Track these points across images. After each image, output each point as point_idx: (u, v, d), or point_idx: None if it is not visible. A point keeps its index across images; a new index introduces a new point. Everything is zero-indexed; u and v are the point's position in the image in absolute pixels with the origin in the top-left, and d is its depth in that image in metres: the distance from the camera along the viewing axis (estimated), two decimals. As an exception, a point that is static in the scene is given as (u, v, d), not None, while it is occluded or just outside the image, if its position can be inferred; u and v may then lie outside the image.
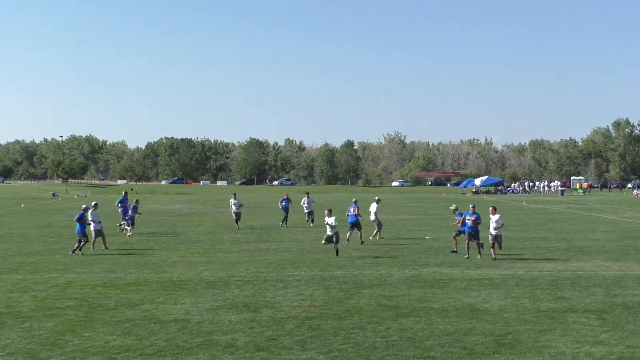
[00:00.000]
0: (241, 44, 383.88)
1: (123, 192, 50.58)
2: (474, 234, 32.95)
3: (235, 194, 52.72)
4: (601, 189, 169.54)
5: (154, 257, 34.35)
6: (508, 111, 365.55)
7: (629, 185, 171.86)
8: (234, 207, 50.24)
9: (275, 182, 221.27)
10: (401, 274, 28.14)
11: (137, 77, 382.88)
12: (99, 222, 37.15)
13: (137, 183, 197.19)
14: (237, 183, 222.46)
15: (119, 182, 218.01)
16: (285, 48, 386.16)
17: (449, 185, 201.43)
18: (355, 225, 39.90)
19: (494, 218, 32.61)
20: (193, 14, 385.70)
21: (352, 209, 40.28)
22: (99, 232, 36.89)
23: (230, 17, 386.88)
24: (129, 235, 44.69)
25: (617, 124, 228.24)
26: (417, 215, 67.76)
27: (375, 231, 42.69)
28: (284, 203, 53.83)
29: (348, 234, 39.72)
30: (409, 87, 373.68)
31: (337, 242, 33.48)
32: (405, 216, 66.91)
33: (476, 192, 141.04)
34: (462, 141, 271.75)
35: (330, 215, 33.82)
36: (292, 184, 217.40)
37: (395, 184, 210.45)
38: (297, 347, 16.95)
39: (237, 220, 50.19)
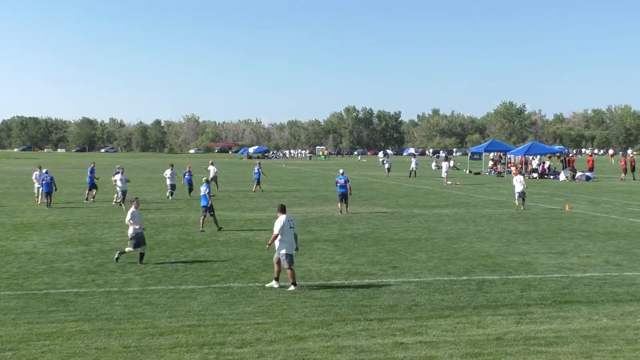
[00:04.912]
0: (90, 32, 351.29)
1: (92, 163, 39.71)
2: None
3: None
4: (337, 155, 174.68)
5: (8, 207, 32.55)
6: (273, 98, 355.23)
7: (355, 153, 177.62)
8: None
9: (102, 150, 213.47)
10: (196, 217, 28.03)
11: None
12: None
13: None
14: (73, 150, 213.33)
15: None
16: (120, 39, 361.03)
17: (230, 152, 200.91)
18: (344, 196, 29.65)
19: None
20: None
21: (341, 180, 29.80)
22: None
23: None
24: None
25: (347, 110, 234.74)
26: (203, 174, 67.11)
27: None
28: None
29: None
30: (204, 77, 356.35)
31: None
32: (198, 175, 66.25)
33: (250, 158, 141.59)
34: (240, 120, 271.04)
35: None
36: (115, 151, 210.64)
37: (192, 151, 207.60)
38: (119, 270, 16.69)
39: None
